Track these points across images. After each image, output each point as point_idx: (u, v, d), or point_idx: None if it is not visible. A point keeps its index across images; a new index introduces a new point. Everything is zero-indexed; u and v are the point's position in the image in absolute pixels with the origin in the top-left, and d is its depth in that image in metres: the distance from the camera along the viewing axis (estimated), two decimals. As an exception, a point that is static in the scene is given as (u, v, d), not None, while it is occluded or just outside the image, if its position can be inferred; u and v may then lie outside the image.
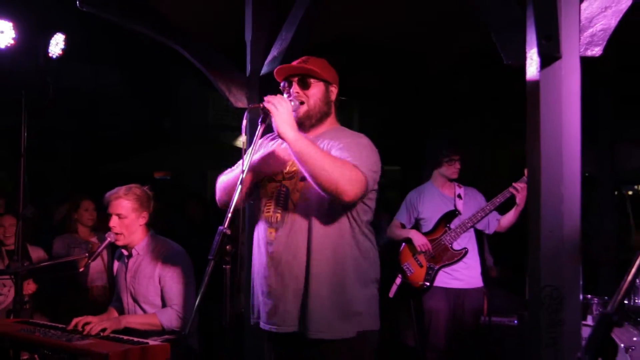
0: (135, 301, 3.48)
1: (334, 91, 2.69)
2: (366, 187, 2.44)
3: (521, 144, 2.92)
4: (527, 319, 2.90)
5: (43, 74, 4.33)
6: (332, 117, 2.71)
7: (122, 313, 3.56)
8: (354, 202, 2.47)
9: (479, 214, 4.46)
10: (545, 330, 2.70)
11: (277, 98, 2.44)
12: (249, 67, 4.20)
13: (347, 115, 10.60)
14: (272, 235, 2.57)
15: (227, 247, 2.19)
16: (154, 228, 3.61)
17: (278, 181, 2.61)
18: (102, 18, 4.12)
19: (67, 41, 4.35)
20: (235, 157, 2.69)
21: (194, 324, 3.22)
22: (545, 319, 2.69)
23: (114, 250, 4.07)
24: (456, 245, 4.53)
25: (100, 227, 4.90)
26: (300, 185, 2.55)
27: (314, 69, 2.62)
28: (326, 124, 2.68)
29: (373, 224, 2.70)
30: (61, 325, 3.31)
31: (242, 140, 2.53)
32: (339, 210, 2.52)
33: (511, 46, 2.92)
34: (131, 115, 10.33)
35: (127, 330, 3.27)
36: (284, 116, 2.39)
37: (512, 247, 4.73)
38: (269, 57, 4.07)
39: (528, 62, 2.81)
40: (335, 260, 2.51)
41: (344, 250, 2.54)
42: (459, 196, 4.63)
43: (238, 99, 4.25)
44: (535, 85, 2.76)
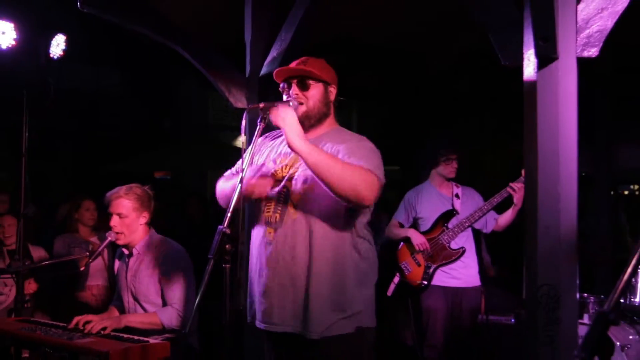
0: (136, 300, 3.49)
1: (333, 92, 2.70)
2: (380, 189, 2.48)
3: (519, 144, 2.94)
4: (524, 318, 2.92)
5: (44, 74, 4.34)
6: (331, 118, 2.72)
7: (122, 312, 3.57)
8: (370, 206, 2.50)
9: (477, 213, 4.48)
10: (542, 328, 2.72)
11: (282, 111, 2.43)
12: (248, 68, 4.22)
13: (346, 115, 10.61)
14: (271, 235, 2.58)
15: (227, 246, 2.20)
16: (155, 227, 3.62)
17: (278, 181, 2.62)
18: (102, 19, 4.14)
19: (68, 42, 4.36)
20: (235, 157, 2.71)
21: (193, 322, 3.23)
22: (542, 317, 2.71)
23: (114, 250, 4.08)
24: (454, 245, 4.54)
25: (101, 227, 4.90)
26: (301, 187, 2.56)
27: (312, 70, 2.62)
28: (325, 125, 2.69)
29: (372, 223, 2.71)
30: (62, 324, 3.31)
31: (242, 140, 2.54)
32: (338, 212, 2.53)
33: (509, 47, 2.94)
34: (131, 116, 10.34)
35: (128, 329, 3.27)
36: (294, 129, 2.40)
37: (509, 246, 4.74)
38: (269, 58, 4.09)
39: (525, 62, 2.83)
40: (334, 261, 2.53)
41: (343, 251, 2.55)
42: (457, 196, 4.64)
43: (238, 99, 4.27)
44: (533, 85, 2.79)
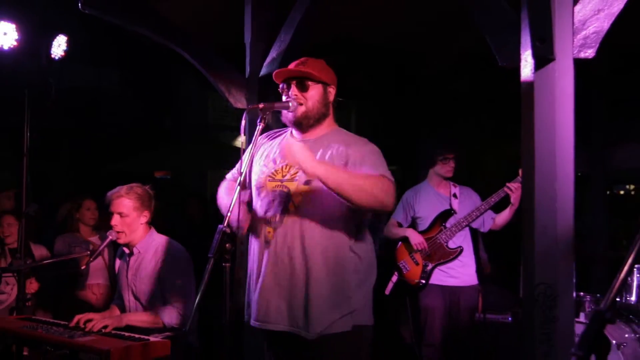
0: (137, 299, 3.50)
1: (332, 92, 2.72)
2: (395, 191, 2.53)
3: (516, 144, 2.96)
4: (522, 316, 2.94)
5: (45, 74, 4.35)
6: (330, 118, 2.74)
7: (123, 311, 3.58)
8: None
9: (474, 213, 4.49)
10: (539, 327, 2.73)
11: (286, 148, 2.41)
12: (248, 69, 4.23)
13: (345, 115, 10.62)
14: (271, 234, 2.59)
15: (227, 245, 2.21)
16: (155, 227, 3.63)
17: (278, 181, 2.64)
18: (103, 20, 4.16)
19: (69, 43, 4.37)
20: (234, 156, 2.73)
21: (193, 321, 3.24)
22: (539, 316, 2.73)
23: (115, 249, 4.10)
24: (451, 244, 4.56)
25: (101, 226, 4.92)
26: (303, 189, 2.57)
27: (311, 71, 2.64)
28: (325, 125, 2.71)
29: (370, 223, 2.74)
30: (63, 322, 3.32)
31: (242, 140, 2.56)
32: (338, 212, 2.55)
33: (506, 48, 2.95)
34: (132, 116, 10.34)
35: (129, 328, 3.28)
36: (306, 158, 2.38)
37: (506, 245, 4.76)
38: (268, 59, 4.11)
39: (522, 63, 2.84)
40: (333, 260, 2.54)
41: (342, 251, 2.57)
42: (455, 195, 4.66)
43: (237, 100, 4.29)
44: (530, 86, 2.80)
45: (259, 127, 2.49)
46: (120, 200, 3.48)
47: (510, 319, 5.02)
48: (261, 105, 2.51)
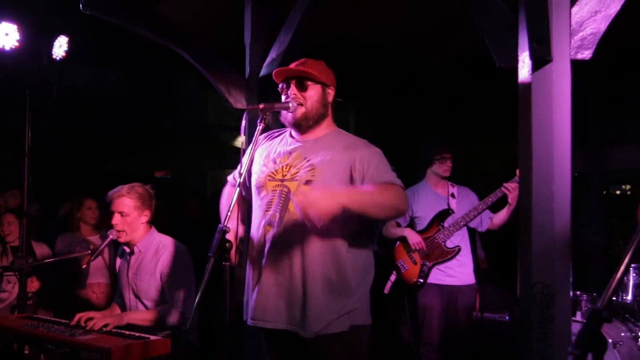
0: (137, 297, 3.52)
1: (331, 93, 2.73)
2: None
3: (514, 145, 2.98)
4: (519, 315, 2.95)
5: (47, 75, 4.36)
6: (329, 119, 2.75)
7: (124, 309, 3.60)
8: None
9: (472, 212, 4.51)
10: (536, 325, 2.74)
11: (298, 200, 2.33)
12: (248, 69, 4.24)
13: (343, 116, 10.63)
14: (270, 233, 2.61)
15: (227, 244, 2.23)
16: (156, 226, 3.65)
17: (278, 180, 2.65)
18: (104, 21, 4.18)
19: (70, 43, 4.38)
20: (234, 156, 2.76)
21: (193, 320, 3.26)
22: (536, 314, 2.74)
23: (116, 248, 4.13)
24: (449, 243, 4.57)
25: (102, 226, 4.93)
26: (303, 189, 2.58)
27: (311, 71, 2.65)
28: (324, 126, 2.72)
29: (369, 222, 2.76)
30: (64, 321, 3.35)
31: (242, 140, 2.58)
32: (338, 214, 2.59)
33: (504, 49, 2.96)
34: (132, 116, 10.36)
35: (129, 326, 3.30)
36: (323, 198, 2.33)
37: (503, 244, 4.79)
38: (268, 59, 4.12)
39: (520, 65, 2.86)
40: (332, 260, 2.56)
41: (341, 251, 2.58)
42: (453, 195, 4.67)
43: (237, 100, 4.31)
44: (527, 87, 2.81)
45: (259, 128, 2.51)
46: (121, 199, 3.50)
47: (507, 317, 5.05)
48: (261, 106, 2.53)
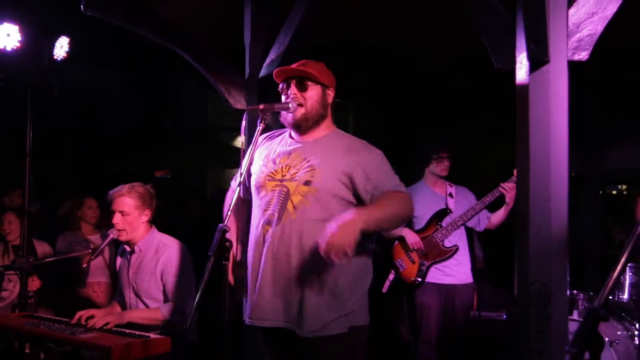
0: (137, 296, 3.54)
1: (331, 94, 2.75)
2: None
3: (511, 145, 2.99)
4: (516, 314, 2.97)
5: (48, 75, 4.37)
6: (329, 120, 2.77)
7: (124, 308, 3.62)
8: None
9: (470, 212, 4.53)
10: (533, 324, 2.75)
11: (327, 247, 2.31)
12: (247, 70, 4.25)
13: (342, 116, 10.64)
14: (269, 233, 2.62)
15: (227, 243, 2.24)
16: (156, 225, 3.66)
17: (278, 180, 2.66)
18: (105, 22, 4.20)
19: (71, 44, 4.40)
20: (234, 156, 2.78)
21: (193, 319, 3.27)
22: (534, 313, 2.75)
23: (116, 248, 4.15)
24: (447, 243, 4.59)
25: (103, 225, 4.95)
26: (302, 189, 2.60)
27: (312, 72, 2.67)
28: (323, 127, 2.74)
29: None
30: (65, 319, 3.36)
31: (242, 140, 2.59)
32: (336, 213, 2.56)
33: (501, 50, 2.97)
34: (133, 116, 10.39)
35: (130, 324, 3.32)
36: (351, 228, 2.33)
37: (501, 244, 4.80)
38: (267, 60, 4.13)
39: (518, 66, 2.86)
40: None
41: None
42: (450, 195, 4.69)
43: (237, 101, 4.32)
44: (525, 88, 2.82)
45: (259, 128, 2.53)
46: (122, 199, 3.52)
47: (504, 316, 5.08)
48: (261, 106, 2.55)
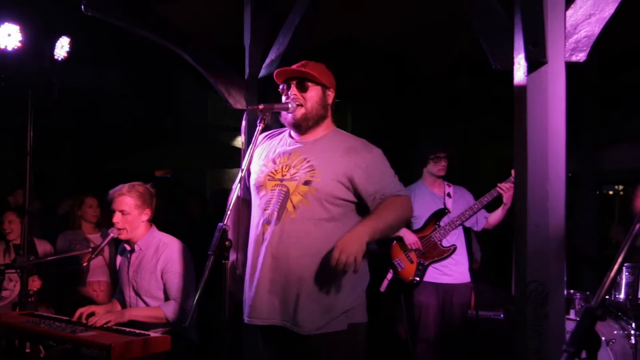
0: (137, 294, 3.56)
1: (330, 95, 2.77)
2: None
3: (509, 146, 3.01)
4: (514, 313, 2.98)
5: (48, 75, 4.37)
6: (329, 120, 2.79)
7: (124, 306, 3.63)
8: None
9: (468, 212, 4.55)
10: (530, 323, 2.76)
11: (337, 260, 2.39)
12: (247, 70, 4.27)
13: (341, 117, 10.65)
14: (268, 232, 2.63)
15: (227, 242, 2.25)
16: (156, 224, 3.68)
17: (278, 180, 2.68)
18: (106, 22, 4.21)
19: (72, 44, 4.41)
20: (233, 156, 2.80)
21: (193, 317, 3.29)
22: (531, 313, 2.76)
23: (116, 246, 4.17)
24: (445, 242, 4.61)
25: (103, 224, 4.97)
26: (302, 189, 2.61)
27: (312, 73, 2.69)
28: (323, 127, 2.76)
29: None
30: (65, 318, 3.38)
31: (241, 140, 2.61)
32: (336, 214, 2.61)
33: (500, 51, 2.98)
34: (133, 116, 10.40)
35: (130, 322, 3.34)
36: (356, 242, 2.42)
37: (498, 244, 4.82)
38: (267, 61, 4.15)
39: (516, 67, 2.87)
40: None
41: None
42: (449, 195, 4.71)
43: (237, 101, 4.33)
44: (523, 89, 2.83)
45: (259, 128, 2.54)
46: (122, 198, 3.54)
47: (502, 315, 5.10)
48: (261, 107, 2.56)
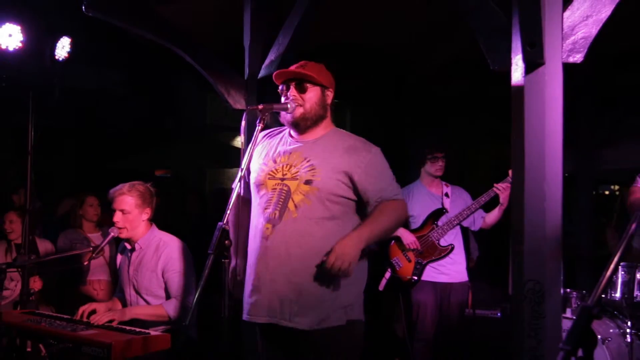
0: (138, 293, 3.57)
1: (330, 95, 2.79)
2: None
3: (506, 146, 3.03)
4: (510, 312, 3.00)
5: (49, 75, 4.40)
6: (328, 120, 2.81)
7: (124, 304, 3.65)
8: None
9: (465, 212, 4.58)
10: (527, 322, 2.76)
11: (332, 266, 2.49)
12: (247, 71, 4.28)
13: (340, 117, 10.64)
14: (269, 230, 2.65)
15: (226, 242, 2.27)
16: (156, 223, 3.70)
17: (278, 179, 2.70)
18: (106, 22, 4.22)
19: (73, 44, 4.43)
20: (232, 156, 2.81)
21: (193, 316, 3.31)
22: (528, 311, 2.76)
23: (117, 245, 4.18)
24: (443, 242, 4.63)
25: (104, 223, 4.98)
26: (304, 188, 2.63)
27: (311, 74, 2.71)
28: (322, 126, 2.78)
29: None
30: (66, 316, 3.40)
31: (241, 140, 2.63)
32: (336, 214, 2.63)
33: (497, 52, 2.98)
34: (133, 116, 10.40)
35: (131, 320, 3.36)
36: (351, 250, 2.51)
37: (496, 243, 4.84)
38: (267, 61, 4.17)
39: (513, 67, 2.88)
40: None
41: None
42: (446, 194, 4.73)
43: (237, 101, 4.35)
44: (520, 89, 2.84)
45: (258, 128, 2.56)
46: (123, 197, 3.56)
47: (499, 314, 5.11)
48: (260, 107, 2.58)
